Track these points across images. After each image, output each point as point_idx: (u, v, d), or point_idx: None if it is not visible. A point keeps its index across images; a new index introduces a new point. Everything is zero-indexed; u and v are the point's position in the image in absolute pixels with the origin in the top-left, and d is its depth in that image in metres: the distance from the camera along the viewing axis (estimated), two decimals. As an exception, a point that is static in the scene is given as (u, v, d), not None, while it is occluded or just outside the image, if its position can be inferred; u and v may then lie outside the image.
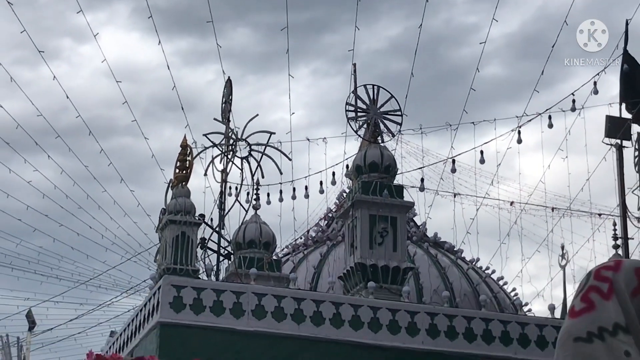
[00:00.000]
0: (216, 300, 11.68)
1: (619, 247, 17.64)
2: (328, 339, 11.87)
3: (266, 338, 11.68)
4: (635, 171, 17.86)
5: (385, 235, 15.41)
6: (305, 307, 11.95)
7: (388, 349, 12.03)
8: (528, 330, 12.59)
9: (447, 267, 20.07)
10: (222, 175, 17.54)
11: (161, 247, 14.05)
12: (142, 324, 12.08)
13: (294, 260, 20.26)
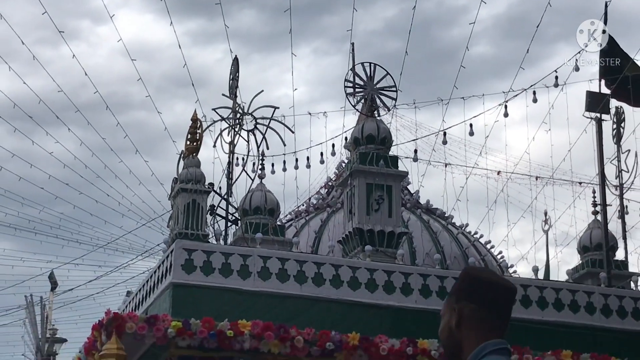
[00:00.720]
0: (224, 262, 11.68)
1: (598, 214, 17.64)
2: (328, 299, 11.88)
3: (271, 297, 11.69)
4: (613, 143, 17.86)
5: (381, 203, 15.42)
6: (307, 269, 11.96)
7: (383, 307, 12.04)
8: (513, 291, 12.57)
9: (439, 232, 20.09)
10: (229, 146, 17.54)
11: (173, 214, 14.04)
12: (156, 284, 12.09)
13: (296, 226, 20.30)
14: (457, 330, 3.46)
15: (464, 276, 3.51)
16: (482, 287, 3.46)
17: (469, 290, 3.46)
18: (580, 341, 12.30)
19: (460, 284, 3.52)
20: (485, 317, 3.44)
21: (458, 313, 3.45)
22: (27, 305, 23.45)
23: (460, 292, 3.48)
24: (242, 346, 11.06)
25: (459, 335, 3.47)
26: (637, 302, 13.02)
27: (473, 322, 3.44)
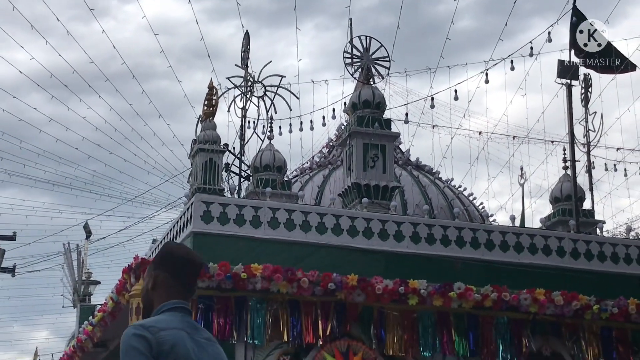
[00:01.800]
0: (238, 213, 11.72)
1: (568, 169, 17.70)
2: (330, 245, 11.93)
3: (279, 244, 11.73)
4: (582, 106, 17.88)
5: (376, 160, 15.46)
6: (311, 218, 11.99)
7: (379, 252, 12.08)
8: (493, 237, 12.64)
9: (427, 186, 20.15)
10: (242, 111, 17.57)
11: (193, 171, 14.10)
12: (178, 233, 12.13)
13: (301, 181, 20.35)
14: (151, 291, 3.90)
15: (163, 249, 3.93)
16: (173, 259, 3.87)
17: (164, 261, 3.87)
18: (551, 281, 12.36)
19: (159, 255, 3.92)
20: (173, 284, 3.85)
21: (154, 278, 3.88)
22: (65, 252, 23.60)
23: (158, 261, 3.90)
24: (255, 287, 11.13)
25: (152, 295, 3.92)
26: (602, 246, 13.07)
27: (163, 287, 3.86)
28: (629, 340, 12.56)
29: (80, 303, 22.55)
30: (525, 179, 20.33)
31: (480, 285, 11.89)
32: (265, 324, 11.26)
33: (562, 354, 12.46)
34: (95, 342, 13.75)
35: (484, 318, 12.04)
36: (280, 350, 11.41)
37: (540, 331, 12.31)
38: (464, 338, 11.93)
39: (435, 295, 11.70)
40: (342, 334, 11.58)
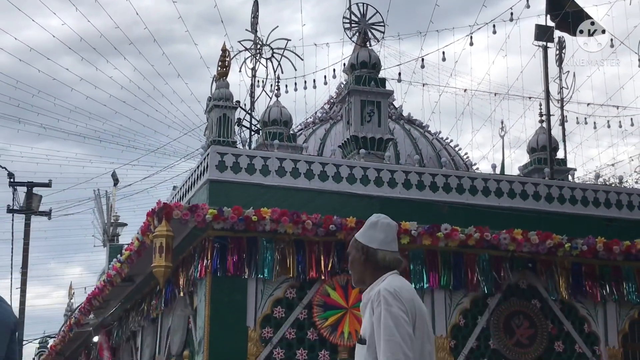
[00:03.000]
0: (249, 163, 11.72)
1: (543, 122, 17.66)
2: (331, 191, 11.95)
3: (286, 190, 11.75)
4: (556, 65, 17.82)
5: (372, 115, 15.43)
6: (314, 167, 12.00)
7: (374, 197, 12.11)
8: (476, 183, 12.65)
9: (417, 138, 20.13)
10: (252, 71, 17.55)
11: (208, 125, 14.06)
12: (196, 181, 12.15)
13: (305, 134, 20.34)
14: None
15: None
16: None
17: None
18: (528, 222, 12.40)
19: None
20: None
21: None
22: (95, 197, 23.66)
23: None
24: (264, 228, 11.18)
25: None
26: (573, 191, 13.09)
27: None
28: (597, 274, 12.64)
29: (109, 243, 22.67)
30: (505, 132, 20.34)
31: (464, 227, 11.93)
32: (273, 261, 11.33)
33: (537, 286, 12.55)
34: (123, 277, 13.84)
35: (467, 255, 12.10)
36: (287, 284, 11.49)
37: (518, 267, 12.37)
38: (450, 273, 12.01)
39: (425, 235, 11.75)
40: (342, 270, 11.64)
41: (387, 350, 3.88)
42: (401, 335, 3.90)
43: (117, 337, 16.85)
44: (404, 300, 4.02)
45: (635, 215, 13.18)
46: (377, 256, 4.23)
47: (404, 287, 4.15)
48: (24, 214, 24.62)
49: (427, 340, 4.11)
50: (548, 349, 12.36)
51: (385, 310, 3.95)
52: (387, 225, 4.30)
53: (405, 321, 3.94)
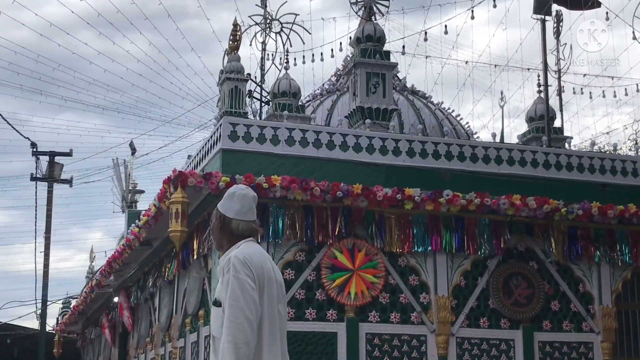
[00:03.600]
0: (260, 133, 11.71)
1: (541, 92, 17.58)
2: (338, 159, 11.94)
3: (295, 159, 11.75)
4: (554, 38, 17.70)
5: (377, 87, 15.36)
6: (322, 137, 11.98)
7: (379, 165, 12.10)
8: (477, 151, 12.62)
9: (421, 109, 20.06)
10: (262, 45, 17.50)
11: (221, 97, 14.02)
12: (209, 150, 12.15)
13: (313, 105, 20.29)
14: None
15: None
16: None
17: None
18: (526, 188, 12.39)
19: None
20: None
21: None
22: (114, 165, 23.70)
23: None
24: (274, 195, 11.19)
25: None
26: (569, 158, 13.05)
27: None
28: (592, 237, 12.65)
29: (128, 209, 22.72)
30: (504, 102, 20.25)
31: (465, 192, 11.92)
32: (283, 226, 11.36)
33: (534, 249, 12.56)
34: (141, 241, 13.90)
35: (468, 220, 12.11)
36: (297, 247, 11.53)
37: (516, 230, 12.39)
38: (452, 237, 12.03)
39: (427, 201, 11.75)
40: (348, 234, 11.68)
41: (231, 315, 4.01)
42: (245, 300, 4.03)
43: (136, 297, 16.96)
44: (253, 267, 4.13)
45: (629, 181, 13.15)
46: (232, 225, 4.36)
47: (255, 255, 4.24)
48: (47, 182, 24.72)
49: (277, 303, 4.23)
50: (545, 308, 12.41)
51: (233, 276, 4.07)
52: (243, 197, 4.41)
53: (250, 287, 4.06)
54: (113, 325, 19.70)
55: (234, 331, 3.99)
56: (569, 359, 12.40)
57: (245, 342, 3.96)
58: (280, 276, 4.39)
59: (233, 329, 3.99)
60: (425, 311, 11.85)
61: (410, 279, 11.92)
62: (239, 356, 3.93)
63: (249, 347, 3.97)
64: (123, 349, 19.27)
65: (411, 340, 11.76)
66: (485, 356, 12.03)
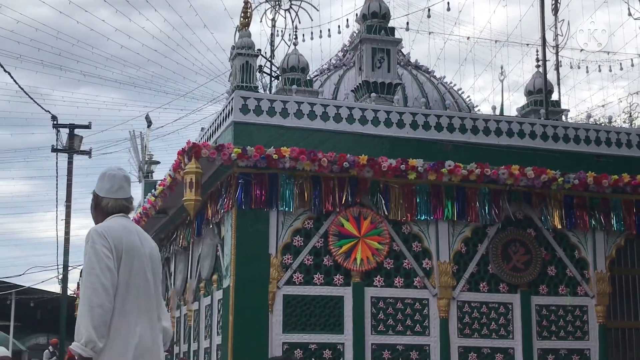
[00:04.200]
0: (270, 106, 11.66)
1: (539, 67, 17.44)
2: (344, 131, 11.90)
3: (303, 131, 11.72)
4: (552, 14, 17.54)
5: (382, 62, 15.24)
6: (329, 110, 11.93)
7: (384, 137, 12.06)
8: (478, 123, 12.56)
9: (424, 83, 19.93)
10: (271, 22, 17.39)
11: (232, 72, 13.95)
12: (222, 123, 12.12)
13: (321, 80, 20.16)
14: None
15: None
16: None
17: None
18: (525, 158, 12.35)
19: None
20: None
21: None
22: (131, 137, 23.67)
23: None
24: (284, 166, 11.17)
25: None
26: (566, 130, 12.98)
27: None
28: (587, 206, 12.61)
29: (144, 179, 22.71)
30: (504, 76, 20.10)
31: (466, 163, 11.88)
32: (293, 196, 11.34)
33: (532, 217, 12.53)
34: (157, 210, 13.92)
35: (469, 189, 12.08)
36: (305, 215, 11.52)
37: (515, 199, 12.35)
38: (453, 205, 12.00)
39: (430, 171, 11.71)
40: (354, 203, 11.66)
41: (87, 281, 4.15)
42: (100, 268, 4.16)
43: (153, 263, 16.98)
44: (110, 239, 4.25)
45: (623, 152, 13.08)
46: (103, 203, 4.53)
47: (115, 228, 4.35)
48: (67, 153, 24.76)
49: (145, 272, 4.35)
50: (542, 273, 12.40)
51: (90, 247, 4.22)
52: (112, 177, 4.56)
53: (106, 256, 4.19)
54: (131, 289, 19.76)
55: (90, 295, 4.13)
56: (565, 321, 12.42)
57: (100, 305, 4.09)
58: (151, 248, 4.51)
59: (89, 294, 4.13)
60: (427, 276, 11.86)
61: (414, 245, 11.91)
62: (94, 317, 4.06)
63: (103, 310, 4.09)
64: (141, 312, 19.37)
65: (414, 304, 11.79)
66: (485, 319, 12.05)
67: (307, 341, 11.26)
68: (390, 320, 11.62)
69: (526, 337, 12.12)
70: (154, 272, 4.45)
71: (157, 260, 4.54)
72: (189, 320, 13.81)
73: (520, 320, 12.13)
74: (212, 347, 12.22)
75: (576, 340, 12.41)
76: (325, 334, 11.34)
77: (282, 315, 11.20)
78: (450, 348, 11.76)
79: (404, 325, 11.68)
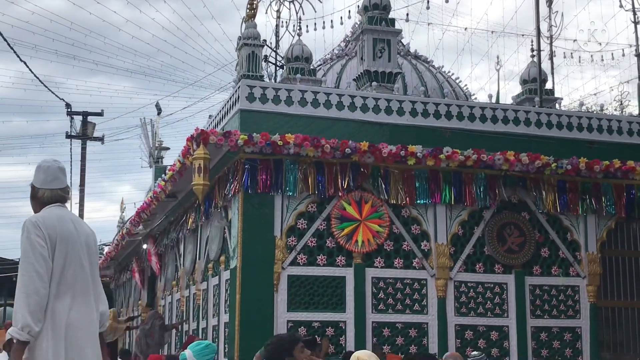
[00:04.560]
0: (275, 95, 11.70)
1: (534, 57, 17.43)
2: (347, 118, 11.94)
3: (307, 118, 11.75)
4: (547, 6, 17.50)
5: (383, 52, 15.27)
6: (332, 98, 11.97)
7: (385, 124, 12.10)
8: (474, 111, 12.59)
9: (423, 72, 19.94)
10: (276, 13, 17.38)
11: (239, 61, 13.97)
12: (229, 110, 12.16)
13: (324, 69, 20.16)
14: None
15: None
16: None
17: None
18: (519, 145, 12.38)
19: None
20: None
21: None
22: (142, 124, 23.72)
23: None
24: (288, 152, 11.23)
25: None
26: (560, 118, 13.00)
27: None
28: (579, 190, 12.66)
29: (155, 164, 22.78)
30: (500, 66, 20.13)
31: (463, 149, 11.92)
32: (297, 180, 11.40)
33: (526, 201, 12.59)
34: (166, 194, 13.98)
35: (466, 174, 12.13)
36: (309, 199, 11.59)
37: (510, 184, 12.40)
38: (451, 190, 12.05)
39: (429, 157, 11.76)
40: (356, 187, 11.72)
41: (23, 269, 4.21)
42: (35, 257, 4.20)
43: (162, 245, 17.11)
44: (44, 228, 4.28)
45: (614, 138, 13.11)
46: (39, 193, 4.55)
47: (50, 217, 4.39)
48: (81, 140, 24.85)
49: (72, 260, 4.36)
50: (535, 255, 12.48)
51: (25, 237, 4.25)
52: (47, 168, 4.57)
53: (40, 245, 4.23)
54: (142, 269, 19.90)
55: (26, 282, 4.17)
56: (557, 301, 12.50)
57: (35, 291, 4.14)
58: (87, 235, 4.52)
59: (25, 281, 4.18)
60: (426, 257, 11.94)
61: (413, 228, 11.98)
62: (30, 303, 4.11)
63: (39, 296, 4.14)
64: (151, 291, 19.49)
65: (413, 284, 11.87)
66: (481, 298, 12.14)
67: (311, 319, 11.36)
68: (390, 299, 11.71)
69: (520, 315, 12.21)
70: (90, 259, 4.47)
71: (94, 247, 4.56)
72: (198, 299, 13.91)
73: (514, 300, 12.22)
74: (219, 325, 12.32)
75: (568, 318, 12.50)
76: (328, 312, 11.43)
77: (286, 295, 11.29)
78: (447, 326, 11.86)
79: (403, 304, 11.77)
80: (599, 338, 12.57)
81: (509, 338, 12.14)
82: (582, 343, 12.45)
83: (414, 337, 11.72)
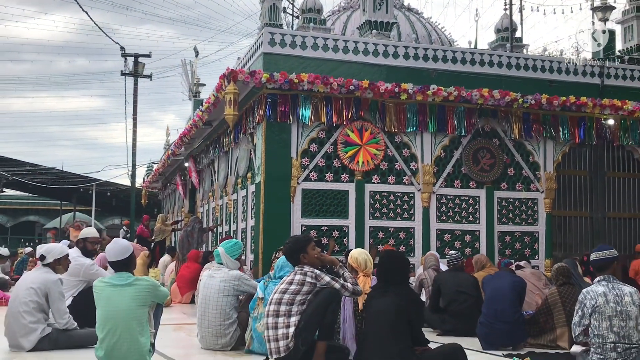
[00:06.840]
0: (292, 40, 11.48)
1: (507, 9, 16.98)
2: (351, 61, 11.75)
3: (318, 60, 11.58)
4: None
5: (381, 4, 14.88)
6: (339, 44, 11.75)
7: (382, 65, 11.90)
8: (457, 55, 12.34)
9: (414, 22, 19.54)
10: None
11: (262, 12, 13.72)
12: (254, 53, 11.97)
13: (333, 19, 19.78)
14: None
15: None
16: None
17: None
18: (493, 83, 12.21)
19: None
20: None
21: None
22: (183, 64, 23.48)
23: None
24: (303, 88, 11.10)
25: None
26: (526, 61, 12.76)
27: None
28: (541, 121, 12.53)
29: (194, 97, 22.65)
30: (478, 17, 19.67)
31: (447, 87, 11.76)
32: (309, 112, 11.31)
33: (497, 129, 12.48)
34: (203, 122, 13.92)
35: (448, 107, 12.00)
36: (319, 128, 11.51)
37: (484, 115, 12.27)
38: (435, 120, 11.95)
39: (418, 93, 11.61)
40: (358, 118, 11.62)
41: None
42: None
43: (201, 163, 17.16)
44: None
45: (571, 79, 12.90)
46: None
47: None
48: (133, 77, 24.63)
49: None
50: (503, 173, 12.45)
51: None
52: None
53: None
54: (184, 183, 20.03)
55: None
56: (520, 211, 12.54)
57: None
58: None
59: None
60: (413, 175, 11.93)
61: (404, 151, 11.93)
62: None
63: None
64: (192, 201, 19.66)
65: (403, 196, 11.90)
66: (457, 208, 12.18)
67: (320, 224, 11.45)
68: (384, 209, 11.76)
69: (489, 222, 12.27)
70: None
71: None
72: (229, 208, 14.02)
73: (485, 210, 12.26)
74: (247, 228, 12.45)
75: (528, 225, 12.56)
76: (334, 218, 11.51)
77: (301, 204, 11.35)
78: (430, 230, 11.94)
79: (395, 212, 11.83)
80: (552, 241, 12.66)
81: (479, 240, 12.24)
82: (539, 245, 12.55)
83: (402, 239, 11.83)
